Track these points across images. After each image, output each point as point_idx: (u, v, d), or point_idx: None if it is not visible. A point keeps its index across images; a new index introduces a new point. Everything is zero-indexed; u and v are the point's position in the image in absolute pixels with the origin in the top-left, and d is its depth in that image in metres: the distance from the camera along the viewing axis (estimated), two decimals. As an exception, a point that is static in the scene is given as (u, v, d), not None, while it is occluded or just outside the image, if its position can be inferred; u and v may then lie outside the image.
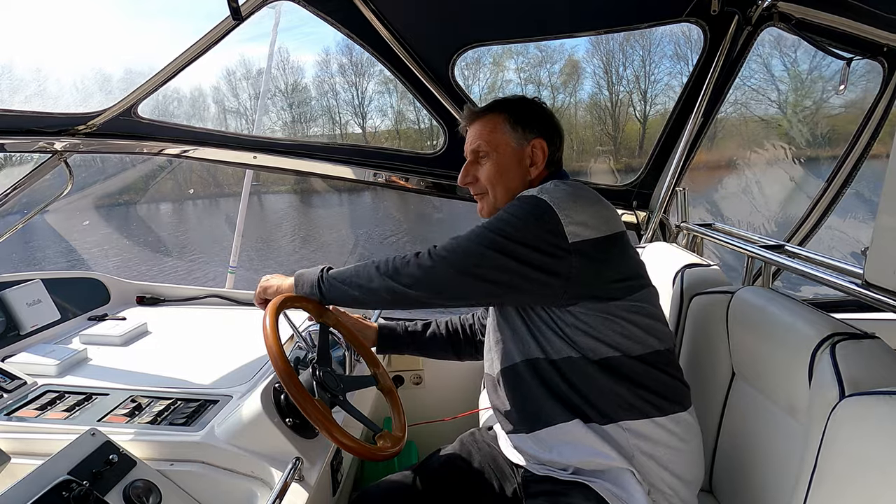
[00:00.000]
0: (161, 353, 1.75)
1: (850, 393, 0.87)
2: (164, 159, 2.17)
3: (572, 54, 19.31)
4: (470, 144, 1.29)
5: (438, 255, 1.10)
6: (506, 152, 1.25)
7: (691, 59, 2.06)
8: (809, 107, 6.39)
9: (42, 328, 1.86)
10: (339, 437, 1.09)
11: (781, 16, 1.87)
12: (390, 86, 22.75)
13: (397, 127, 23.81)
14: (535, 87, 22.65)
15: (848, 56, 2.03)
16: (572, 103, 21.36)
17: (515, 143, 1.25)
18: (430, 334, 1.60)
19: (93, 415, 1.31)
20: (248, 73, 22.22)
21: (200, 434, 1.23)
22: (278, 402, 1.26)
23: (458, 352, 1.61)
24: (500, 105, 1.29)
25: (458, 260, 1.09)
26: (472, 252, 1.09)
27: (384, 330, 1.59)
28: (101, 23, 4.15)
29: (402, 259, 1.14)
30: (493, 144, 1.25)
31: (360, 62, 21.51)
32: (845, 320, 1.09)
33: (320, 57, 24.93)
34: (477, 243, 1.09)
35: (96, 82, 1.84)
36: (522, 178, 1.26)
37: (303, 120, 22.74)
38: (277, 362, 1.10)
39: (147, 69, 1.73)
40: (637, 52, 19.12)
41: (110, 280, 2.27)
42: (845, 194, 2.31)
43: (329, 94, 22.31)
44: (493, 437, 1.40)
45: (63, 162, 1.80)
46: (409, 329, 1.61)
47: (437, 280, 1.10)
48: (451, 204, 2.40)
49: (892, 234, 0.99)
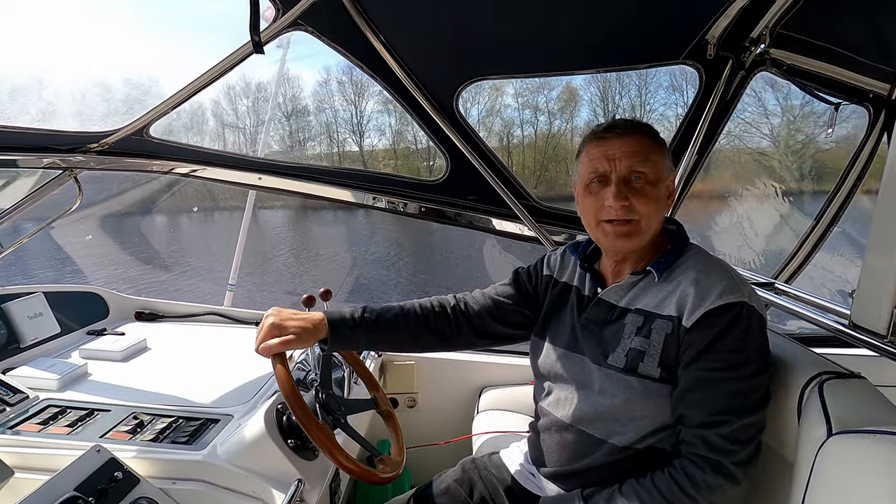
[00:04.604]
0: (161, 369, 1.76)
1: (838, 431, 0.91)
2: (168, 179, 2.21)
3: (570, 81, 19.63)
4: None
5: (734, 451, 1.02)
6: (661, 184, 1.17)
7: (686, 91, 2.13)
8: (800, 141, 6.55)
9: (42, 341, 1.87)
10: (344, 462, 1.11)
11: (773, 61, 1.94)
12: (389, 106, 23.08)
13: (395, 146, 24.03)
14: (532, 113, 23.01)
15: (836, 101, 2.13)
16: (569, 129, 21.68)
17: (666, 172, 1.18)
18: (398, 318, 1.31)
19: (95, 431, 1.33)
20: (248, 89, 22.38)
21: (203, 453, 1.25)
22: (280, 424, 1.28)
23: (447, 336, 1.35)
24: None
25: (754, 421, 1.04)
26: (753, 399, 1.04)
27: (335, 319, 1.24)
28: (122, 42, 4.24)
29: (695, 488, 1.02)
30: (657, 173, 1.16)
31: (360, 82, 21.78)
32: (829, 356, 1.14)
33: (321, 77, 25.17)
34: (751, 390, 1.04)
35: (105, 100, 1.88)
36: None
37: (301, 139, 22.93)
38: (285, 385, 1.12)
39: (157, 91, 1.79)
40: (633, 81, 19.46)
41: (109, 294, 2.28)
42: (832, 233, 2.39)
43: (328, 111, 22.53)
44: (497, 465, 1.40)
45: (73, 178, 1.83)
46: (365, 316, 1.27)
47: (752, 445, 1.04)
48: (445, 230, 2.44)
49: (879, 276, 1.04)
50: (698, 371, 1.05)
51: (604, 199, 1.15)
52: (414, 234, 12.64)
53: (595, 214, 1.19)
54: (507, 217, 2.31)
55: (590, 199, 1.19)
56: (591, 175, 1.18)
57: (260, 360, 1.20)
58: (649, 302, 1.15)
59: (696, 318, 1.06)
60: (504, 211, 2.28)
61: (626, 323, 1.16)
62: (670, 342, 1.09)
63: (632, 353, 1.13)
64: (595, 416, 1.17)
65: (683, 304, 1.09)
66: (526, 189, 2.21)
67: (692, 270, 1.13)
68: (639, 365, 1.11)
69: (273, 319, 1.18)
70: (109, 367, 1.76)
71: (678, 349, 1.08)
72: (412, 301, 1.37)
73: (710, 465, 1.01)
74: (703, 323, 1.05)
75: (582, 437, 1.18)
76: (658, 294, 1.14)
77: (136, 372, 1.74)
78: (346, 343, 1.26)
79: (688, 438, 1.05)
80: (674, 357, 1.09)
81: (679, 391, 1.08)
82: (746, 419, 1.02)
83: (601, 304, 1.23)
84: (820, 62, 1.96)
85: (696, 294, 1.08)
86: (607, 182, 1.15)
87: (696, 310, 1.07)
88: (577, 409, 1.20)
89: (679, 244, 1.20)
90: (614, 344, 1.16)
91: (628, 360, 1.13)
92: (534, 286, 1.41)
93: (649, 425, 1.12)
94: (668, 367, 1.09)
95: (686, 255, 1.17)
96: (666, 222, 1.25)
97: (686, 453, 1.05)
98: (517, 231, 2.34)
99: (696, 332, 1.06)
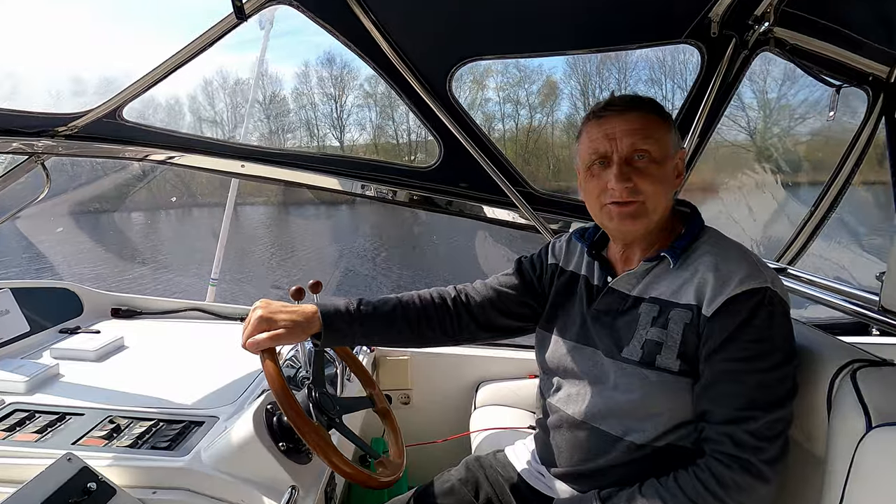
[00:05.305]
0: (139, 369, 1.65)
1: (879, 423, 0.85)
2: (140, 168, 2.08)
3: (550, 75, 19.70)
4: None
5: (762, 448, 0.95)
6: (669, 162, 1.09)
7: (665, 84, 2.08)
8: (777, 134, 6.60)
9: (9, 341, 1.74)
10: (342, 466, 1.02)
11: (777, 41, 1.89)
12: (370, 100, 22.91)
13: (376, 141, 23.87)
14: (513, 106, 23.03)
15: (837, 83, 2.08)
16: (549, 123, 21.75)
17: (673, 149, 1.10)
18: (395, 310, 1.22)
19: (67, 437, 1.22)
20: (225, 83, 22.03)
21: (186, 459, 1.15)
22: (270, 425, 1.19)
23: (448, 330, 1.27)
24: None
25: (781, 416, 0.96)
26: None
27: (329, 312, 1.14)
28: (80, 24, 4.03)
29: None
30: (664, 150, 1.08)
31: (341, 76, 21.54)
32: (857, 345, 1.08)
33: (299, 69, 24.90)
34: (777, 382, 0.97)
35: (72, 83, 1.74)
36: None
37: (280, 132, 22.62)
38: (275, 383, 1.03)
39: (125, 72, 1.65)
40: (613, 75, 19.60)
41: (83, 291, 2.15)
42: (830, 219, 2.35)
43: (308, 106, 22.28)
44: (504, 464, 1.32)
45: (40, 164, 1.70)
46: (361, 309, 1.18)
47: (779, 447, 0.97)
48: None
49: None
50: (722, 363, 0.98)
51: (606, 180, 1.07)
52: (402, 228, 12.52)
53: (598, 198, 1.11)
54: (502, 205, 2.23)
55: (592, 181, 1.11)
56: (591, 157, 1.10)
57: (246, 357, 1.10)
58: (665, 290, 1.07)
59: (718, 306, 0.99)
60: (499, 198, 2.20)
61: (640, 313, 1.09)
62: (690, 332, 1.02)
63: (648, 344, 1.05)
64: (609, 412, 1.10)
65: (703, 291, 1.02)
66: (522, 175, 2.13)
67: (710, 255, 1.05)
68: (656, 357, 1.04)
69: (261, 312, 1.08)
70: (83, 367, 1.64)
71: (698, 340, 1.01)
72: (410, 293, 1.28)
73: (738, 463, 0.94)
74: (724, 311, 0.98)
75: (596, 434, 1.11)
76: (674, 281, 1.07)
77: (111, 372, 1.62)
78: (340, 338, 1.16)
79: (712, 436, 0.98)
80: (694, 348, 1.02)
81: (701, 385, 1.01)
82: (774, 413, 0.95)
83: (612, 293, 1.15)
84: (823, 42, 1.91)
85: (716, 280, 1.01)
86: (609, 163, 1.07)
87: (716, 297, 0.99)
88: (590, 406, 1.13)
89: (693, 227, 1.12)
90: (629, 335, 1.09)
91: (644, 353, 1.05)
92: (538, 276, 1.33)
93: (669, 421, 1.04)
94: (688, 359, 1.02)
95: (702, 239, 1.10)
96: (677, 204, 1.17)
97: (711, 451, 0.98)
98: (512, 219, 2.27)
99: (718, 321, 0.99)
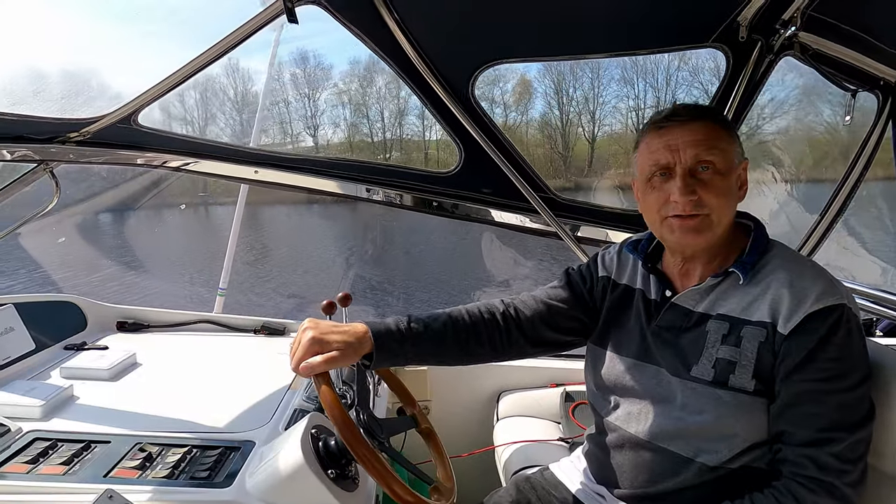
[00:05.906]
0: (158, 388, 1.57)
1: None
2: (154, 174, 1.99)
3: (524, 74, 19.77)
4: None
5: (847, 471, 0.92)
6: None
7: (637, 84, 2.07)
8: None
9: (15, 360, 1.64)
10: (403, 494, 0.96)
11: (801, 46, 1.88)
12: (344, 98, 22.71)
13: (350, 139, 23.66)
14: (488, 105, 23.21)
15: (853, 88, 2.09)
16: (524, 122, 21.82)
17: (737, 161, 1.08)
18: (446, 327, 1.15)
19: (97, 469, 1.12)
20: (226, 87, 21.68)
21: (230, 491, 1.08)
22: (317, 451, 1.12)
23: (498, 346, 1.20)
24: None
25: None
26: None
27: (381, 332, 1.08)
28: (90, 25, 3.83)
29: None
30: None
31: (315, 75, 21.30)
32: None
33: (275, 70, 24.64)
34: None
35: (86, 83, 1.64)
36: None
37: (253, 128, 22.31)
38: (334, 410, 0.96)
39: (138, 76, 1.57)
40: (586, 74, 19.72)
41: (86, 303, 2.04)
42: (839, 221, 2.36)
43: (281, 104, 21.95)
44: (554, 483, 1.28)
45: (49, 172, 1.60)
46: (412, 326, 1.11)
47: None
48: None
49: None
50: (801, 383, 0.95)
51: (668, 193, 1.04)
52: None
53: (659, 210, 1.07)
54: (520, 210, 2.19)
55: (652, 194, 1.08)
56: (652, 168, 1.07)
57: (266, 372, 1.04)
58: (734, 307, 1.04)
59: (795, 324, 0.96)
60: (518, 203, 2.15)
61: (708, 330, 1.05)
62: (765, 351, 0.99)
63: (720, 363, 1.02)
64: (678, 433, 1.06)
65: (777, 308, 0.99)
66: (544, 181, 2.09)
67: (782, 271, 1.02)
68: (729, 377, 1.01)
69: (312, 333, 1.01)
70: (98, 387, 1.54)
71: (774, 359, 0.98)
72: (458, 308, 1.22)
73: (823, 487, 0.91)
74: (802, 329, 0.95)
75: (664, 455, 1.07)
76: (744, 298, 1.04)
77: (129, 393, 1.53)
78: (392, 358, 1.10)
79: (792, 458, 0.95)
80: (769, 367, 0.98)
81: (779, 405, 0.98)
82: (857, 434, 0.93)
83: (675, 309, 1.12)
84: (844, 48, 1.91)
85: (792, 297, 0.98)
86: (671, 175, 1.04)
87: (793, 315, 0.96)
88: (654, 425, 1.09)
89: (760, 241, 1.09)
90: (696, 354, 1.05)
91: (717, 372, 1.02)
92: (588, 289, 1.28)
93: (743, 443, 1.01)
94: (763, 379, 0.99)
95: (771, 253, 1.07)
96: (738, 216, 1.14)
97: (791, 474, 0.95)
98: (531, 225, 2.23)
99: (795, 339, 0.96)
